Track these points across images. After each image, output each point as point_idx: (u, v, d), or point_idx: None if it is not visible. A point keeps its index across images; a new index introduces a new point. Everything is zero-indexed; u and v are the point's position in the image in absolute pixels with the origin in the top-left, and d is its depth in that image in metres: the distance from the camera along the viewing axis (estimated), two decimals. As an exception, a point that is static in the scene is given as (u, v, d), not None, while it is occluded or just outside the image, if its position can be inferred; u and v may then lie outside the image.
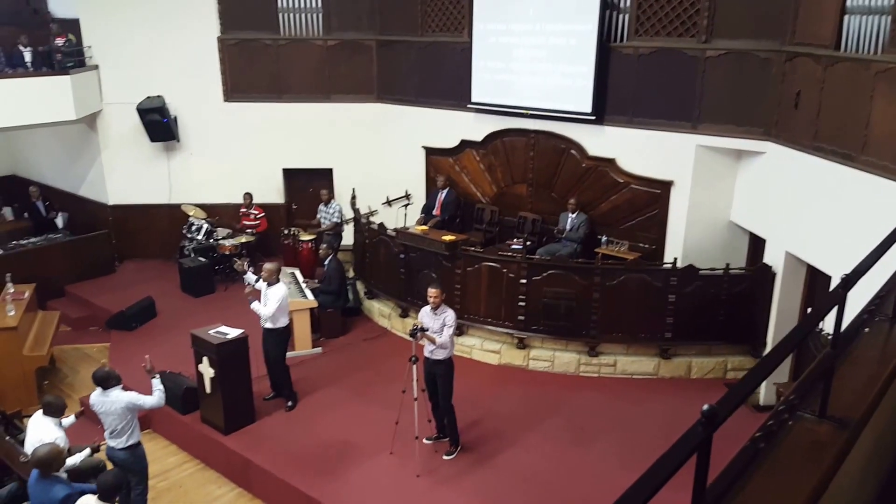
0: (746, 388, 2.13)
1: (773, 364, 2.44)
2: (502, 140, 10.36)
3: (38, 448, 5.10)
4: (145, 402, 6.05)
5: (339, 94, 11.79)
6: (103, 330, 10.32)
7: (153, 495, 6.57)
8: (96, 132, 12.08)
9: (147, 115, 11.59)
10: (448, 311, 6.66)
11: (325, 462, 6.86)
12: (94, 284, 11.41)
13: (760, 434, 2.41)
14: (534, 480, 6.56)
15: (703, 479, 1.76)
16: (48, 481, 4.98)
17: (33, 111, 10.73)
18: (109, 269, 11.93)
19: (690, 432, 1.67)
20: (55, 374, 9.35)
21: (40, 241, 11.60)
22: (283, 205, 12.39)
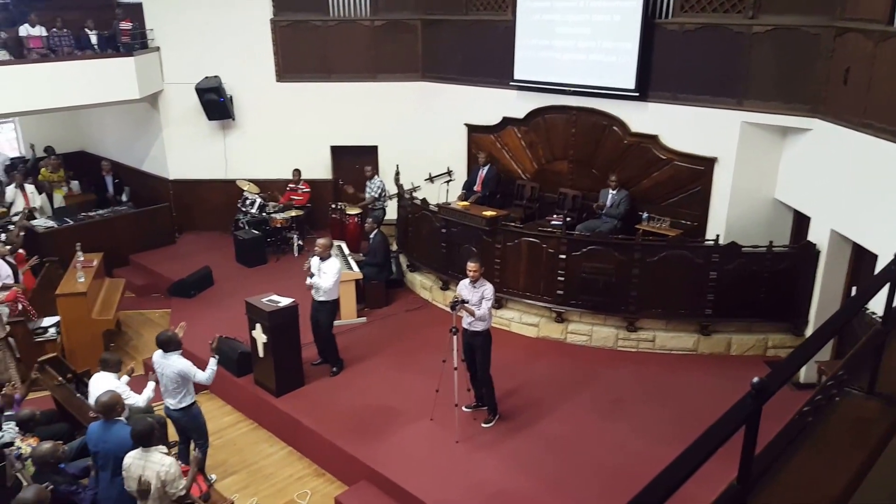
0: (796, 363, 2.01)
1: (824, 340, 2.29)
2: (544, 117, 10.11)
3: (100, 396, 5.23)
4: (196, 374, 6.14)
5: (385, 74, 11.67)
6: (164, 297, 10.52)
7: (210, 451, 6.67)
8: (158, 111, 12.23)
9: (205, 95, 11.67)
10: (486, 285, 6.55)
11: (368, 425, 6.87)
12: (156, 254, 11.62)
13: (808, 408, 2.27)
14: (569, 449, 6.44)
15: (751, 450, 1.63)
16: (113, 426, 5.10)
17: (100, 91, 10.92)
18: (170, 240, 12.14)
19: (740, 404, 1.55)
20: (121, 337, 9.58)
21: (107, 214, 11.81)
22: (331, 181, 12.38)
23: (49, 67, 10.59)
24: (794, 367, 1.96)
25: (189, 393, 6.21)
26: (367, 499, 6.11)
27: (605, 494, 5.72)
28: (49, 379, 7.12)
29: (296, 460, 7.02)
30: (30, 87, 10.28)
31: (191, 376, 6.08)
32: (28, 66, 10.52)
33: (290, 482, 6.68)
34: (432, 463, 6.29)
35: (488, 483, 5.99)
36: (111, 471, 5.09)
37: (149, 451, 4.75)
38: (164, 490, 4.68)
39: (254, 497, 6.41)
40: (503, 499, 5.81)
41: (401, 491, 5.98)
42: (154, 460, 4.71)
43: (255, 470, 6.87)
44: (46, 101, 10.63)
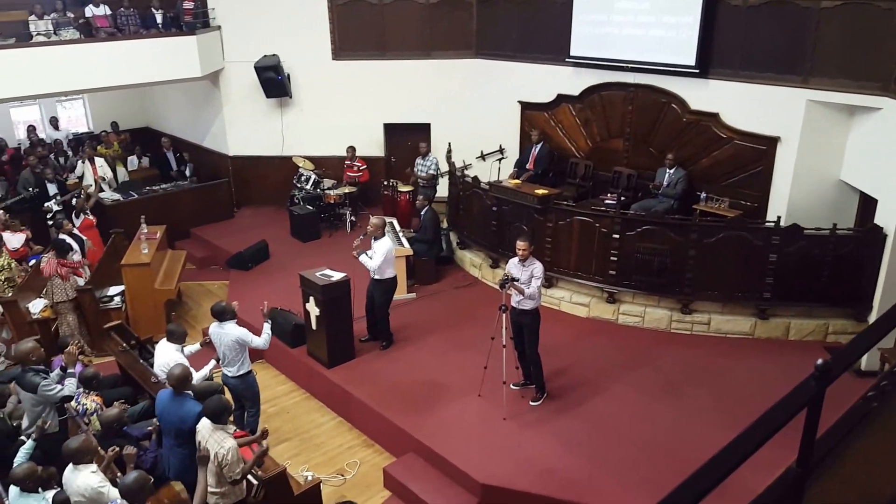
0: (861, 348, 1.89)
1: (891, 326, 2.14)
2: (600, 94, 9.87)
3: (173, 368, 5.39)
4: (253, 340, 6.27)
5: (439, 51, 11.57)
6: (223, 269, 10.76)
7: (264, 418, 6.86)
8: (219, 88, 12.42)
9: (263, 73, 11.80)
10: (536, 264, 6.45)
11: (416, 399, 6.90)
12: (215, 228, 11.88)
13: (873, 393, 2.13)
14: (618, 431, 6.34)
15: (813, 434, 1.54)
16: (181, 399, 5.24)
17: (163, 69, 11.12)
18: (229, 214, 12.39)
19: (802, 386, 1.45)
20: (181, 306, 9.85)
21: (169, 188, 12.15)
22: (384, 158, 12.40)
23: (115, 46, 10.83)
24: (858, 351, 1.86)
25: (246, 361, 6.37)
26: (415, 471, 6.15)
27: (654, 476, 5.62)
28: (114, 345, 7.39)
29: (346, 430, 7.12)
30: (97, 65, 10.54)
31: (248, 342, 6.22)
32: (95, 45, 10.77)
33: (340, 451, 6.80)
34: (479, 439, 6.28)
35: (535, 460, 5.96)
36: (173, 439, 5.24)
37: (217, 428, 4.84)
38: (219, 469, 4.76)
39: (305, 464, 6.54)
40: (550, 476, 5.76)
41: (448, 465, 6.00)
42: (217, 439, 4.78)
43: (306, 438, 7.01)
44: (112, 79, 10.90)
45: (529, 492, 5.63)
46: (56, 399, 5.61)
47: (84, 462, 4.52)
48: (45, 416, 5.57)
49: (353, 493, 6.13)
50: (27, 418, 5.68)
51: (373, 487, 6.27)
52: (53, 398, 5.59)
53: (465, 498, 5.78)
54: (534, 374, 6.80)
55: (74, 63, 10.34)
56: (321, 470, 6.46)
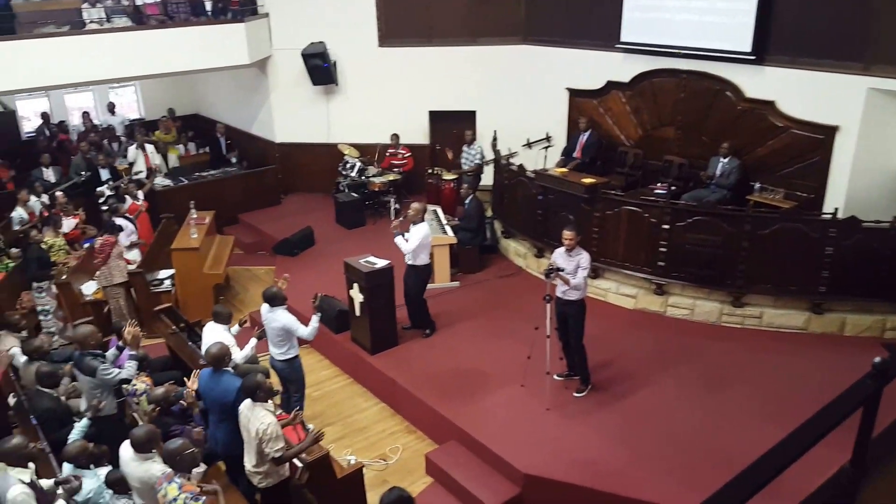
0: None
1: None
2: (651, 81, 9.69)
3: (210, 347, 5.50)
4: (299, 329, 6.36)
5: (486, 37, 11.52)
6: (269, 254, 10.97)
7: (308, 402, 7.01)
8: (266, 76, 12.62)
9: (310, 60, 11.94)
10: (583, 254, 6.41)
11: (459, 387, 6.95)
12: (262, 214, 12.12)
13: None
14: (664, 425, 6.27)
15: (868, 434, 1.51)
16: (221, 375, 5.36)
17: (212, 56, 11.33)
18: (276, 200, 12.61)
19: (859, 384, 1.43)
20: (229, 290, 10.09)
21: (218, 174, 12.42)
22: (428, 146, 12.43)
23: (165, 33, 11.06)
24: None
25: (293, 346, 6.48)
26: (457, 458, 6.20)
27: (698, 472, 5.56)
28: (163, 327, 7.61)
29: (389, 416, 7.22)
30: (148, 52, 10.79)
31: (294, 331, 6.32)
32: (146, 33, 11.02)
33: (382, 437, 6.90)
34: (522, 428, 6.29)
35: (578, 452, 5.95)
36: (217, 415, 5.38)
37: (255, 405, 4.91)
38: (260, 446, 4.84)
39: (348, 448, 6.66)
40: (593, 468, 5.75)
41: (490, 453, 6.04)
42: (256, 416, 4.85)
43: (349, 423, 7.13)
44: (163, 66, 11.16)
45: (571, 482, 5.63)
46: (114, 382, 5.79)
47: (147, 451, 4.62)
48: (101, 398, 5.74)
49: (395, 479, 6.20)
50: (85, 400, 5.87)
51: (415, 473, 6.34)
52: (112, 381, 5.76)
53: (507, 487, 5.82)
54: (578, 366, 6.78)
55: (126, 50, 10.61)
56: (363, 454, 6.56)
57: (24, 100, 13.90)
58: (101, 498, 4.97)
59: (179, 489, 4.13)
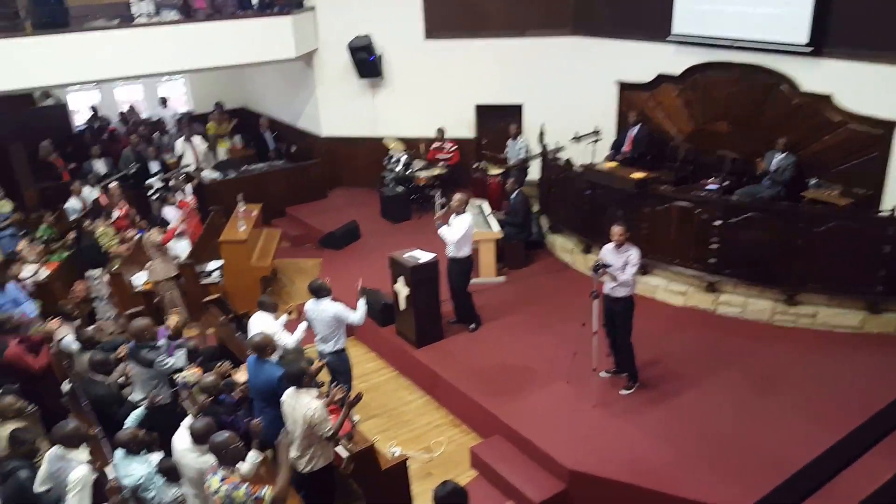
0: None
1: None
2: (703, 74, 9.57)
3: (253, 336, 5.72)
4: (349, 316, 6.53)
5: (534, 29, 11.51)
6: (316, 248, 11.20)
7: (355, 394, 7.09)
8: (312, 69, 12.83)
9: (356, 53, 12.11)
10: (632, 250, 6.42)
11: (504, 383, 7.04)
12: (308, 207, 12.35)
13: None
14: (712, 424, 6.26)
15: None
16: (264, 364, 5.56)
17: (259, 50, 11.53)
18: (322, 194, 12.83)
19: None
20: (276, 283, 10.30)
21: (265, 167, 12.71)
22: (474, 140, 12.50)
23: (213, 27, 11.27)
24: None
25: (341, 338, 6.64)
26: (502, 453, 6.30)
27: (747, 473, 5.55)
28: (212, 318, 7.86)
29: (433, 409, 7.35)
30: (195, 46, 11.01)
31: (345, 318, 6.50)
32: (194, 26, 11.24)
33: (427, 429, 7.03)
34: (567, 425, 6.35)
35: (624, 450, 5.99)
36: (261, 402, 5.58)
37: (300, 393, 5.06)
38: (311, 431, 4.99)
39: (393, 440, 6.81)
40: (639, 467, 5.78)
41: (535, 449, 6.12)
42: (303, 402, 5.00)
43: (395, 415, 7.28)
44: (210, 60, 11.36)
45: (617, 480, 5.67)
46: (169, 372, 6.04)
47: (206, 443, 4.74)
48: (157, 390, 5.98)
49: (440, 472, 6.31)
50: (141, 390, 6.09)
51: (459, 466, 6.45)
52: (167, 371, 6.02)
53: (552, 483, 5.88)
54: (625, 363, 6.80)
55: (174, 44, 10.86)
56: (408, 446, 6.70)
57: (75, 93, 14.40)
58: (152, 484, 5.12)
59: (221, 481, 4.26)
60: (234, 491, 4.19)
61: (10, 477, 4.90)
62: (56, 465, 4.73)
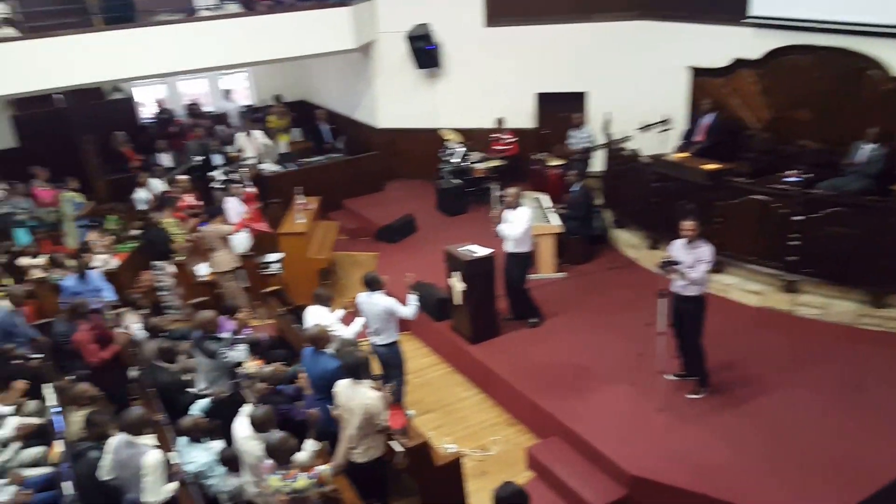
0: None
1: None
2: (784, 58, 9.08)
3: (309, 328, 5.83)
4: (400, 310, 6.52)
5: (600, 14, 11.21)
6: (372, 241, 11.23)
7: (409, 389, 7.13)
8: (371, 60, 12.87)
9: (415, 43, 12.08)
10: (704, 246, 6.14)
11: (563, 382, 6.88)
12: (365, 200, 12.42)
13: None
14: (789, 433, 5.94)
15: None
16: (319, 356, 5.65)
17: (319, 41, 11.57)
18: (378, 187, 12.89)
19: None
20: (333, 275, 10.37)
21: (323, 160, 12.83)
22: (534, 130, 12.29)
23: (273, 19, 11.34)
24: None
25: (393, 331, 6.64)
26: (560, 455, 6.15)
27: (823, 484, 5.26)
28: (272, 309, 7.97)
29: (489, 407, 7.25)
30: (257, 38, 11.14)
31: (395, 312, 6.48)
32: (255, 19, 11.34)
33: (482, 427, 6.94)
34: (630, 428, 6.15)
35: (690, 456, 5.74)
36: (317, 393, 5.66)
37: (358, 383, 5.12)
38: (368, 421, 5.03)
39: (448, 436, 6.76)
40: (706, 474, 5.54)
41: (595, 452, 5.95)
42: (360, 393, 5.07)
43: (450, 411, 7.23)
44: (271, 52, 11.50)
45: (683, 488, 5.46)
46: (230, 365, 6.21)
47: (265, 431, 4.89)
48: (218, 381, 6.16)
49: (495, 471, 6.23)
50: (204, 380, 6.29)
51: (515, 467, 6.33)
52: (228, 364, 6.19)
53: (612, 488, 5.72)
54: (695, 366, 6.52)
55: (236, 37, 11.01)
56: (463, 444, 6.64)
57: (140, 86, 14.84)
58: (213, 472, 5.29)
59: (281, 479, 4.40)
60: (294, 483, 4.34)
61: (82, 457, 5.15)
62: (124, 452, 4.89)
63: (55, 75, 10.07)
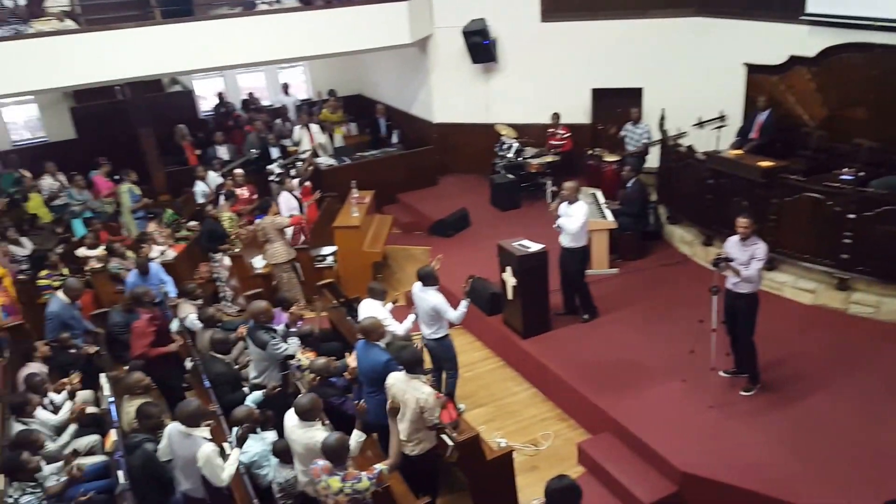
0: None
1: None
2: (840, 56, 8.91)
3: (363, 321, 5.93)
4: (448, 312, 6.58)
5: (657, 10, 11.16)
6: (425, 235, 11.41)
7: (461, 382, 7.23)
8: (427, 55, 13.00)
9: (471, 38, 12.16)
10: (759, 244, 6.15)
11: (614, 378, 6.95)
12: (419, 194, 12.59)
13: None
14: (840, 431, 5.93)
15: None
16: (372, 348, 5.74)
17: (375, 36, 11.70)
18: (432, 181, 13.03)
19: None
20: (386, 269, 10.62)
21: (379, 154, 13.04)
22: (589, 125, 12.30)
23: (331, 13, 11.50)
24: None
25: (443, 326, 6.74)
26: (611, 451, 6.23)
27: (879, 485, 5.23)
28: (325, 301, 8.21)
29: (540, 402, 7.36)
30: (314, 32, 11.27)
31: (443, 313, 6.56)
32: (312, 13, 11.47)
33: (533, 422, 7.05)
34: (682, 425, 6.20)
35: (744, 454, 5.78)
36: (368, 386, 5.75)
37: (413, 377, 5.21)
38: (420, 415, 5.14)
39: (499, 430, 6.88)
40: (758, 472, 5.58)
41: (646, 448, 6.02)
42: (415, 387, 5.16)
43: (501, 405, 7.35)
44: (327, 47, 11.62)
45: (734, 485, 5.50)
46: (281, 357, 6.35)
47: (311, 419, 5.02)
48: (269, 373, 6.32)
49: (546, 466, 6.33)
50: (255, 369, 6.47)
51: (566, 462, 6.43)
52: (279, 356, 6.32)
53: (663, 484, 5.78)
54: (747, 363, 6.55)
55: (293, 31, 11.15)
56: (514, 438, 6.74)
57: (200, 79, 15.30)
58: (266, 461, 5.47)
59: (342, 480, 4.40)
60: (357, 483, 4.37)
61: (137, 449, 5.33)
62: (179, 442, 5.08)
63: (114, 68, 10.21)
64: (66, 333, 7.25)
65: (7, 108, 13.72)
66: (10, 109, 13.81)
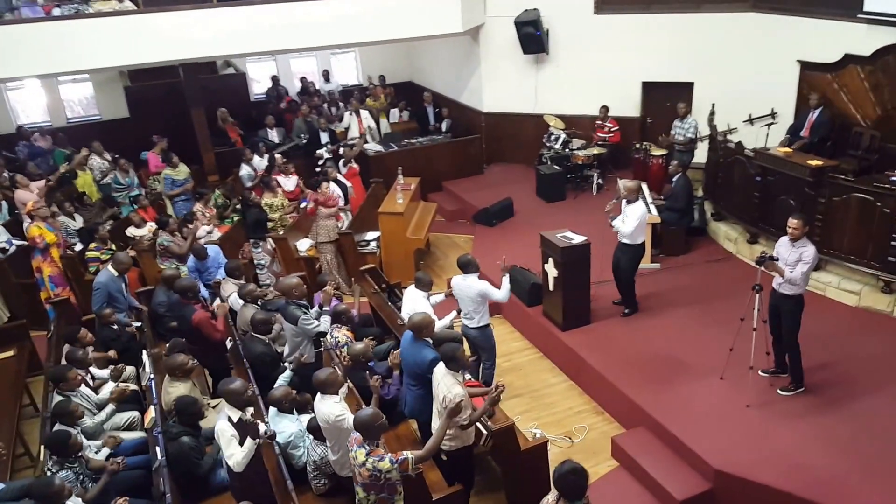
0: None
1: None
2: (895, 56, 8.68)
3: (414, 315, 5.87)
4: (493, 293, 6.64)
5: (711, 4, 10.96)
6: (469, 223, 11.47)
7: (498, 371, 7.29)
8: (478, 44, 13.01)
9: (523, 28, 12.12)
10: (808, 247, 6.02)
11: (652, 373, 6.93)
12: (465, 182, 12.64)
13: None
14: (883, 435, 5.82)
15: None
16: (419, 344, 5.69)
17: (427, 24, 11.73)
18: (478, 169, 13.07)
19: None
20: (429, 256, 10.72)
21: (426, 142, 13.10)
22: (638, 118, 12.18)
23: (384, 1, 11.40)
24: None
25: (485, 314, 6.79)
26: (645, 446, 6.22)
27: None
28: (367, 286, 8.32)
29: (576, 395, 7.39)
30: (365, 19, 11.33)
31: (489, 294, 6.62)
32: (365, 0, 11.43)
33: (569, 414, 7.07)
34: (718, 423, 6.16)
35: (780, 454, 5.72)
36: (410, 379, 5.74)
37: (448, 373, 5.14)
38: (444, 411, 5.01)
39: (534, 422, 6.92)
40: (796, 473, 5.50)
41: (681, 446, 6.00)
42: (447, 384, 5.03)
43: (537, 396, 7.39)
44: (378, 34, 11.68)
45: (770, 485, 5.45)
46: (312, 333, 6.42)
47: (329, 392, 5.03)
48: (302, 349, 6.40)
49: (580, 458, 6.15)
50: (288, 346, 6.57)
51: (599, 455, 6.45)
52: (311, 332, 6.39)
53: (697, 482, 5.76)
54: (790, 365, 6.45)
55: (346, 17, 11.24)
56: (549, 430, 6.77)
57: (254, 63, 15.56)
58: (301, 441, 5.55)
59: (367, 455, 4.44)
60: (380, 462, 4.41)
61: (175, 441, 5.36)
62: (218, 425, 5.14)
63: (171, 49, 10.47)
64: (108, 309, 7.31)
65: (63, 86, 14.14)
66: (66, 87, 14.23)
